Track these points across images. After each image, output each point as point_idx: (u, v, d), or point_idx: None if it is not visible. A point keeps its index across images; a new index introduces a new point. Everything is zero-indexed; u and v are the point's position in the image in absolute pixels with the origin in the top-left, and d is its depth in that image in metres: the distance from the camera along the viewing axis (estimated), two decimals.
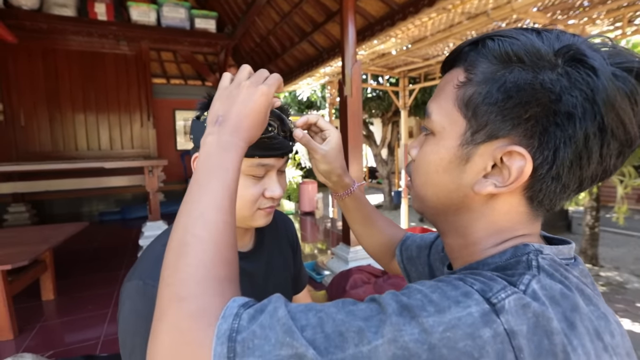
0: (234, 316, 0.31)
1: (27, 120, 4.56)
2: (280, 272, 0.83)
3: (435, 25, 3.55)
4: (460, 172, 0.37)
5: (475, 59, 0.36)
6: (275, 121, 0.65)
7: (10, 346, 1.77)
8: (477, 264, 0.38)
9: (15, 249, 1.92)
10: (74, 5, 4.30)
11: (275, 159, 0.66)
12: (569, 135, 0.32)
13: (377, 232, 0.73)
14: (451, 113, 0.37)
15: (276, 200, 0.69)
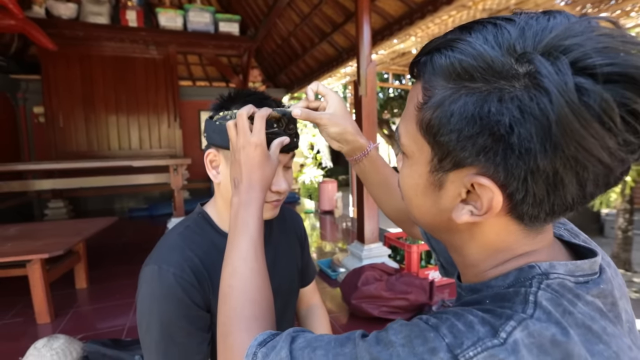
0: (252, 356, 0.37)
1: (65, 122, 4.88)
2: (287, 265, 0.87)
3: (456, 23, 3.49)
4: (436, 197, 0.34)
5: (430, 75, 0.31)
6: (284, 120, 0.68)
7: (47, 329, 1.92)
8: (481, 286, 0.35)
9: (53, 240, 2.08)
10: (107, 13, 4.57)
11: (281, 155, 0.69)
12: (532, 168, 0.27)
13: (396, 195, 0.69)
14: (416, 137, 0.33)
15: (282, 194, 0.73)
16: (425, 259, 2.35)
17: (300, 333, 0.37)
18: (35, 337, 1.77)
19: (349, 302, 1.92)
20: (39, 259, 1.88)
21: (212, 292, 0.69)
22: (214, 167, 0.73)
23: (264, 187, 0.55)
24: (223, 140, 0.69)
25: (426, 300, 1.90)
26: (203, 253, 0.72)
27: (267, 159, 0.56)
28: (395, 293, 1.87)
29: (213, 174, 0.73)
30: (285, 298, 0.86)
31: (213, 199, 0.81)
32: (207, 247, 0.74)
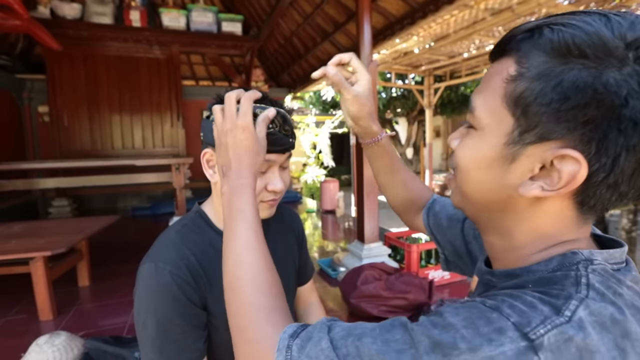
0: (286, 349, 0.35)
1: (70, 121, 4.92)
2: (284, 264, 0.87)
3: (458, 22, 3.49)
4: (503, 171, 0.34)
5: (529, 49, 0.32)
6: (279, 120, 0.69)
7: (49, 325, 1.95)
8: (521, 271, 0.36)
9: (55, 238, 2.11)
10: (111, 14, 4.60)
11: (277, 154, 0.70)
12: (632, 144, 0.29)
13: (401, 184, 0.72)
14: (498, 109, 0.34)
15: (278, 194, 0.73)
16: (425, 258, 2.35)
17: (335, 322, 0.36)
18: (37, 334, 1.79)
19: (348, 301, 1.92)
20: (41, 256, 1.90)
21: (209, 290, 0.70)
22: (211, 166, 0.73)
23: (254, 172, 0.53)
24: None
25: (425, 300, 1.90)
26: (200, 251, 0.72)
27: (256, 143, 0.54)
28: (394, 292, 1.88)
29: (210, 173, 0.74)
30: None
31: (210, 198, 0.81)
32: (204, 246, 0.74)
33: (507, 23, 3.63)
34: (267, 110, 0.62)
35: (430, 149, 6.28)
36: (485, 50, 4.74)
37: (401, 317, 0.34)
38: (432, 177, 6.56)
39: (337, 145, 11.13)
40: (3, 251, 1.84)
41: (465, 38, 4.07)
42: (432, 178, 6.32)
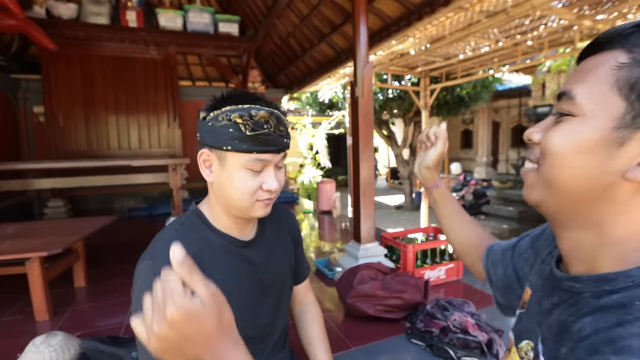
0: None
1: (65, 122, 4.89)
2: (280, 262, 0.89)
3: (454, 24, 3.52)
4: (608, 156, 0.34)
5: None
6: (273, 120, 0.72)
7: (45, 326, 1.94)
8: (616, 276, 0.33)
9: (51, 238, 2.10)
10: (107, 14, 4.59)
11: (272, 154, 0.73)
12: None
13: (465, 227, 0.77)
14: (605, 95, 0.34)
15: (273, 193, 0.75)
16: (421, 258, 2.37)
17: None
18: (33, 335, 1.79)
19: (345, 300, 1.94)
20: (37, 257, 1.90)
21: None
22: (207, 166, 0.76)
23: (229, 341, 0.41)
24: (215, 141, 0.72)
25: (421, 299, 1.92)
26: (197, 250, 0.74)
27: (221, 307, 0.40)
28: (390, 292, 1.89)
29: (206, 173, 0.76)
30: (278, 295, 0.88)
31: (207, 198, 0.83)
32: (201, 244, 0.76)
33: (502, 25, 3.67)
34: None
35: None
36: (480, 52, 4.77)
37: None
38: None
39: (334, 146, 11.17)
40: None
41: (461, 40, 4.10)
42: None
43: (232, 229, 0.79)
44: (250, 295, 0.80)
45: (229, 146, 0.69)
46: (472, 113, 11.45)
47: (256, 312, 0.81)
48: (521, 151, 9.50)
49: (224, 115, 0.70)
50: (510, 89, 8.85)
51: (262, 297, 0.82)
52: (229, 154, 0.71)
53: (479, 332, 1.62)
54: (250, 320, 0.79)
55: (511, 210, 6.00)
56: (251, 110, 0.69)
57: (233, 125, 0.69)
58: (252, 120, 0.69)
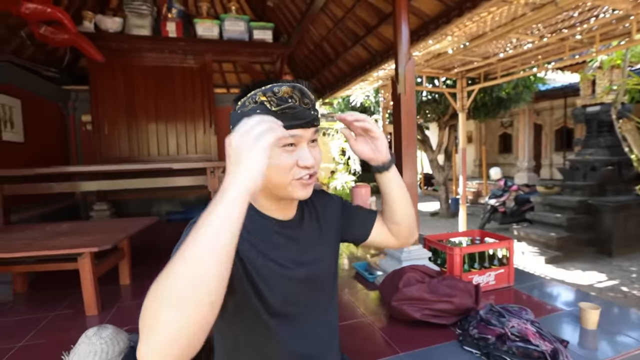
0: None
1: (110, 129, 5.15)
2: (321, 247, 0.87)
3: (496, 20, 3.37)
4: None
5: None
6: (297, 94, 0.72)
7: (94, 320, 2.00)
8: None
9: (101, 235, 2.18)
10: (149, 26, 4.82)
11: (302, 129, 0.73)
12: None
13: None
14: None
15: (310, 169, 0.74)
16: (468, 262, 2.24)
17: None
18: (84, 328, 1.83)
19: (389, 304, 1.85)
20: (89, 253, 1.97)
21: (248, 260, 0.72)
22: None
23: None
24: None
25: (472, 305, 1.80)
26: (249, 223, 0.74)
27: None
28: (439, 296, 1.78)
29: None
30: (317, 273, 0.86)
31: None
32: (248, 221, 0.74)
33: (549, 19, 3.47)
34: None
35: (464, 154, 6.08)
36: (522, 49, 4.55)
37: None
38: (466, 183, 6.34)
39: None
40: (53, 247, 1.91)
41: (502, 37, 3.92)
42: (465, 185, 6.10)
43: (274, 211, 0.80)
44: (290, 272, 0.79)
45: None
46: (511, 116, 10.94)
47: (294, 289, 0.80)
48: (567, 155, 8.94)
49: (249, 99, 0.72)
50: (554, 88, 8.36)
51: (299, 277, 0.81)
52: None
53: (541, 341, 1.48)
54: (289, 298, 0.79)
55: (559, 217, 5.60)
56: (274, 88, 0.71)
57: (260, 106, 0.71)
58: (275, 97, 0.70)
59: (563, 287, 2.36)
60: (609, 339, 1.67)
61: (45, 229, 2.43)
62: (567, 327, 1.78)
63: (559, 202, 5.91)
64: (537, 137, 10.63)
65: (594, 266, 5.07)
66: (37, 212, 4.00)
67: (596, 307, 1.74)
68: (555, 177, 10.00)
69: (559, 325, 1.79)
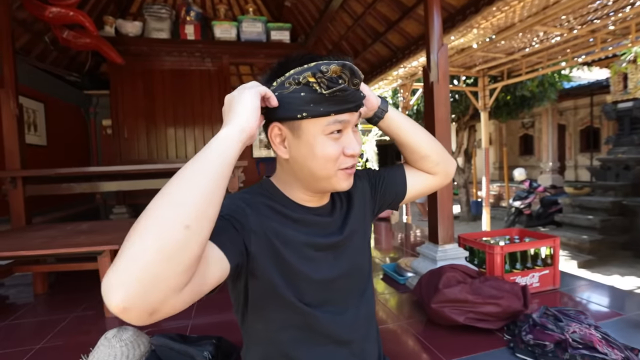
0: None
1: (129, 134, 5.17)
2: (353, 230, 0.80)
3: (527, 8, 3.21)
4: None
5: None
6: (346, 73, 0.62)
7: (114, 322, 1.91)
8: None
9: (122, 234, 2.10)
10: (168, 29, 4.84)
11: (349, 113, 0.66)
12: None
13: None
14: None
15: (356, 158, 0.69)
16: (509, 262, 2.07)
17: None
18: (103, 329, 1.76)
19: (428, 306, 1.70)
20: (109, 250, 1.89)
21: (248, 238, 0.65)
22: (280, 142, 0.69)
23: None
24: (286, 111, 0.64)
25: (520, 308, 1.63)
26: (256, 204, 0.70)
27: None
28: (484, 297, 1.63)
29: (281, 150, 0.69)
30: (356, 268, 0.82)
31: (277, 175, 0.77)
32: (272, 206, 0.72)
33: (582, 7, 3.29)
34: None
35: (487, 154, 5.86)
36: (550, 43, 4.36)
37: None
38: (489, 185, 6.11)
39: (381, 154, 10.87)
40: (74, 244, 1.84)
41: (530, 29, 3.75)
42: (488, 186, 5.87)
43: (307, 201, 0.75)
44: (323, 256, 0.75)
45: (304, 112, 0.63)
46: (532, 116, 10.59)
47: (329, 274, 0.75)
48: (594, 155, 8.57)
49: (290, 80, 0.63)
50: (580, 86, 8.03)
51: (333, 261, 0.76)
52: (304, 122, 0.65)
53: (610, 349, 1.30)
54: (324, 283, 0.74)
55: (591, 219, 5.31)
56: (321, 67, 0.61)
57: (304, 87, 0.63)
58: (325, 77, 0.61)
59: (616, 290, 2.15)
60: None
61: (66, 229, 2.38)
62: (631, 334, 1.59)
63: (591, 204, 5.61)
64: (561, 138, 10.25)
65: (633, 270, 4.75)
66: (58, 216, 4.00)
67: None
68: (581, 179, 9.58)
69: (621, 332, 1.60)
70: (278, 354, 0.73)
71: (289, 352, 0.72)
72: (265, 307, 0.70)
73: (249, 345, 0.78)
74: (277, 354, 0.73)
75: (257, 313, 0.71)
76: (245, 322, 0.75)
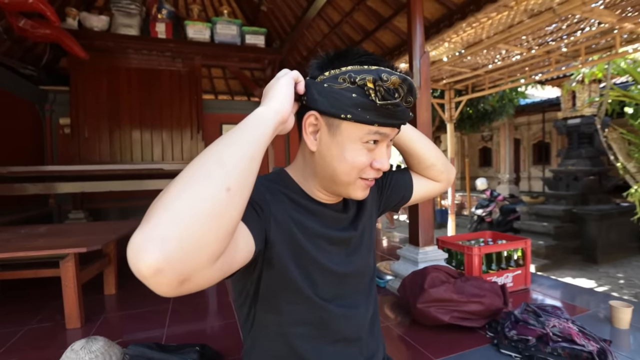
0: None
1: (90, 133, 4.83)
2: (361, 229, 0.80)
3: (494, 26, 3.43)
4: None
5: None
6: (404, 88, 0.60)
7: (77, 334, 1.74)
8: None
9: (87, 237, 1.94)
10: (137, 26, 4.62)
11: (391, 128, 0.65)
12: None
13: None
14: None
15: (380, 173, 0.68)
16: (485, 263, 2.14)
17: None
18: (64, 342, 1.61)
19: (414, 306, 1.71)
20: (73, 255, 1.73)
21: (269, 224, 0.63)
22: (312, 132, 0.66)
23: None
24: (332, 106, 0.62)
25: (501, 305, 1.69)
26: (274, 193, 0.68)
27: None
28: (468, 296, 1.66)
29: (311, 140, 0.66)
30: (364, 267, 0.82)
31: (296, 165, 0.74)
32: (288, 196, 0.69)
33: (544, 27, 3.57)
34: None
35: (453, 164, 6.12)
36: (511, 60, 4.67)
37: None
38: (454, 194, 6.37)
39: None
40: (33, 248, 1.66)
41: (494, 46, 4.01)
42: (454, 195, 6.12)
43: (320, 198, 0.73)
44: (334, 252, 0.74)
45: (349, 114, 0.61)
46: (491, 130, 11.27)
47: (340, 270, 0.74)
48: (545, 168, 9.23)
49: (346, 76, 0.60)
50: (534, 103, 8.68)
51: (345, 255, 0.76)
52: (345, 124, 0.63)
53: (587, 341, 1.38)
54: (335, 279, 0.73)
55: (546, 225, 5.69)
56: (382, 74, 0.58)
57: (358, 89, 0.60)
58: (383, 87, 0.59)
59: (581, 289, 2.30)
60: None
61: (20, 232, 2.15)
62: (597, 327, 1.69)
63: (545, 211, 6.01)
64: (516, 151, 10.97)
65: (583, 273, 5.13)
66: (4, 220, 3.63)
67: (629, 305, 1.67)
68: (534, 189, 10.28)
69: (589, 326, 1.70)
70: (288, 351, 0.70)
71: (299, 349, 0.69)
72: (279, 298, 0.67)
73: (254, 344, 0.73)
74: (287, 351, 0.70)
75: (269, 305, 0.68)
76: (251, 317, 0.70)
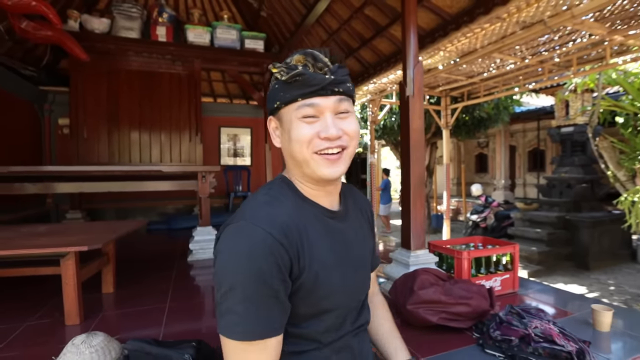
0: None
1: (89, 134, 4.88)
2: (363, 239, 0.85)
3: (487, 37, 3.52)
4: None
5: None
6: (309, 59, 0.67)
7: (76, 331, 1.78)
8: None
9: (87, 236, 1.99)
10: (138, 29, 4.69)
11: (320, 97, 0.67)
12: None
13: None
14: None
15: (334, 142, 0.68)
16: (475, 267, 2.21)
17: None
18: (64, 338, 1.65)
19: (403, 307, 1.77)
20: (74, 254, 1.78)
21: (302, 252, 0.66)
22: (277, 135, 0.76)
23: None
24: (271, 103, 0.73)
25: (488, 307, 1.75)
26: (290, 212, 0.69)
27: None
28: (456, 298, 1.72)
29: (277, 141, 0.75)
30: (365, 272, 0.85)
31: (286, 170, 0.80)
32: (293, 209, 0.71)
33: (533, 39, 3.66)
34: None
35: (448, 169, 6.21)
36: (505, 69, 4.77)
37: None
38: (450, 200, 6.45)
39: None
40: (36, 245, 1.71)
41: (489, 55, 4.10)
42: (449, 200, 6.20)
43: (319, 197, 0.76)
44: (348, 264, 0.76)
45: (277, 101, 0.70)
46: (487, 137, 11.40)
47: (353, 282, 0.78)
48: (540, 175, 9.34)
49: (273, 77, 0.71)
50: (529, 110, 8.81)
51: (355, 270, 0.79)
52: (282, 112, 0.70)
53: (566, 342, 1.44)
54: (349, 290, 0.77)
55: (540, 232, 5.77)
56: (287, 59, 0.70)
57: (275, 80, 0.70)
58: (286, 66, 0.68)
59: (566, 294, 2.37)
60: (623, 340, 1.67)
61: (21, 230, 2.20)
62: (580, 329, 1.76)
63: (539, 218, 6.10)
64: (512, 158, 11.09)
65: (574, 279, 5.21)
66: (2, 219, 3.66)
67: (609, 308, 1.73)
68: (529, 196, 10.39)
69: (572, 328, 1.76)
70: None
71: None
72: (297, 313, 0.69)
73: None
74: None
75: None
76: None
